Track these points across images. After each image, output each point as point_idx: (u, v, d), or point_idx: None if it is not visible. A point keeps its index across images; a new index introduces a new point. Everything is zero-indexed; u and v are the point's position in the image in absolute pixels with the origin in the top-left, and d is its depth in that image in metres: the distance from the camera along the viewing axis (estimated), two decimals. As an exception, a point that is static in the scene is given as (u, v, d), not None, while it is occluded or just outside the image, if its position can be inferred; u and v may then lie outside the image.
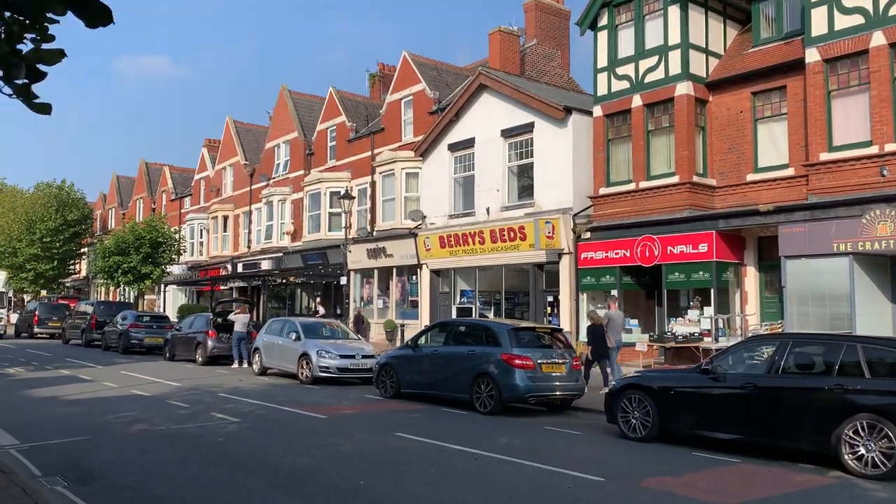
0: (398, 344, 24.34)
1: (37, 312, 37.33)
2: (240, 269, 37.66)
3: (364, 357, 16.89)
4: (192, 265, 42.85)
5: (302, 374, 16.99)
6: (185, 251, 40.31)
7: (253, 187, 38.26)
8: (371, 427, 10.98)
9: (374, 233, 28.46)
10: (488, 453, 9.01)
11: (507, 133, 22.66)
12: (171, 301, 44.23)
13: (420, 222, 25.78)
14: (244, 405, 13.16)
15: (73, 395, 14.35)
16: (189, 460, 8.42)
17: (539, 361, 12.16)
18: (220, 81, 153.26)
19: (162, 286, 42.70)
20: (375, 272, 28.83)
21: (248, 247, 38.12)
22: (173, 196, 48.39)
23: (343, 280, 24.22)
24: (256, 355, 19.04)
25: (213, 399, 14.05)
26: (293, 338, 17.58)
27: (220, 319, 22.30)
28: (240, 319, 21.11)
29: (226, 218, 40.64)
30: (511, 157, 22.78)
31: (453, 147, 24.81)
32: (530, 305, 21.72)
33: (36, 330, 36.88)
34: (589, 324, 15.48)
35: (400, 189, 27.24)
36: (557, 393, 12.46)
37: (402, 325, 26.16)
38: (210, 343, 21.43)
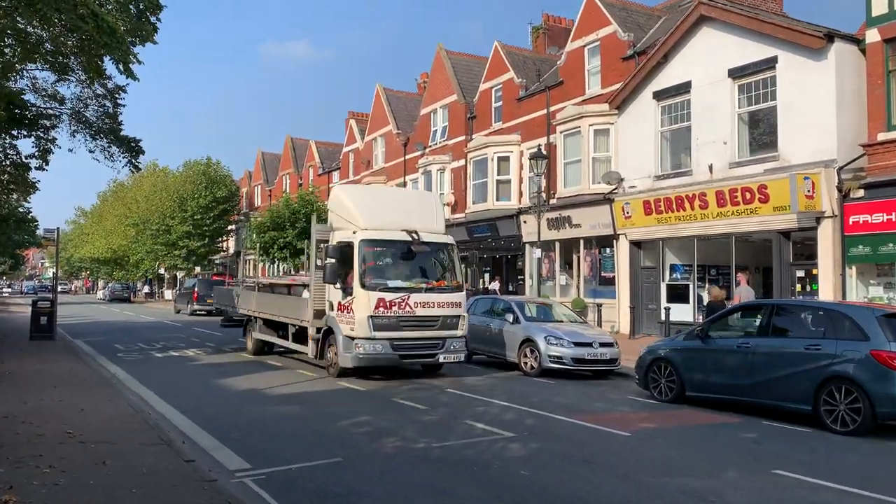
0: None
1: (195, 289, 36.93)
2: (396, 243, 35.57)
3: (602, 345, 13.81)
4: (343, 240, 41.36)
5: (525, 363, 14.15)
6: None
7: (407, 157, 36.03)
8: (718, 456, 7.84)
9: (555, 200, 25.26)
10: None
11: (736, 73, 18.74)
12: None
13: (616, 186, 22.35)
14: (495, 408, 10.44)
15: (276, 388, 12.16)
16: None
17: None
18: (359, 61, 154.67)
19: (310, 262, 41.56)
20: (557, 245, 25.67)
21: (403, 220, 35.95)
22: (321, 170, 47.20)
23: (537, 253, 21.18)
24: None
25: (448, 397, 11.45)
26: (510, 319, 14.75)
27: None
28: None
29: (377, 190, 38.66)
30: (742, 101, 18.85)
31: (660, 95, 21.12)
32: (774, 283, 17.88)
33: (195, 307, 36.48)
34: (708, 300, 12.10)
35: (587, 149, 23.85)
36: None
37: (599, 305, 22.87)
38: (395, 324, 19.05)
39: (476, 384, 12.99)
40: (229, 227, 57.11)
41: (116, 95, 24.47)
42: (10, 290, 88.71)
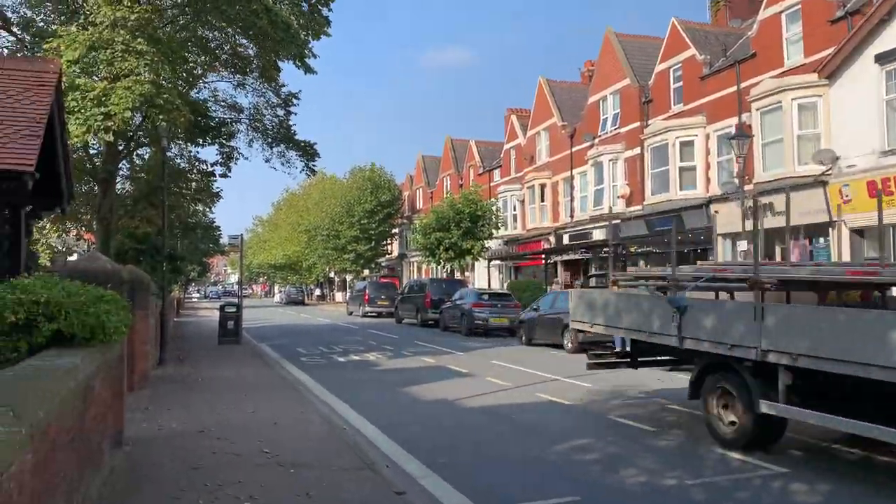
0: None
1: (366, 291, 37.32)
2: (565, 240, 33.94)
3: None
4: (508, 239, 40.30)
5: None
6: (502, 225, 37.78)
7: (574, 150, 34.26)
8: None
9: (751, 186, 22.55)
10: None
11: None
12: (481, 278, 42.34)
13: (830, 166, 19.45)
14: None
15: (469, 399, 11.07)
16: None
17: None
18: (516, 59, 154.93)
19: (473, 263, 40.86)
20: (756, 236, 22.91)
21: (572, 216, 34.24)
22: (481, 170, 46.47)
23: (742, 245, 18.82)
24: (661, 344, 14.56)
25: (675, 415, 9.82)
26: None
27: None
28: (622, 297, 16.94)
29: (543, 186, 37.23)
30: None
31: (885, 57, 18.05)
32: None
33: (367, 309, 36.85)
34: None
35: (791, 126, 21.01)
36: None
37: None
38: (581, 326, 17.51)
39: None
40: (393, 231, 57.99)
41: (290, 104, 24.89)
42: (198, 294, 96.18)
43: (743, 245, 19.05)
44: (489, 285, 37.45)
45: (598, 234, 31.21)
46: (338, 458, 7.16)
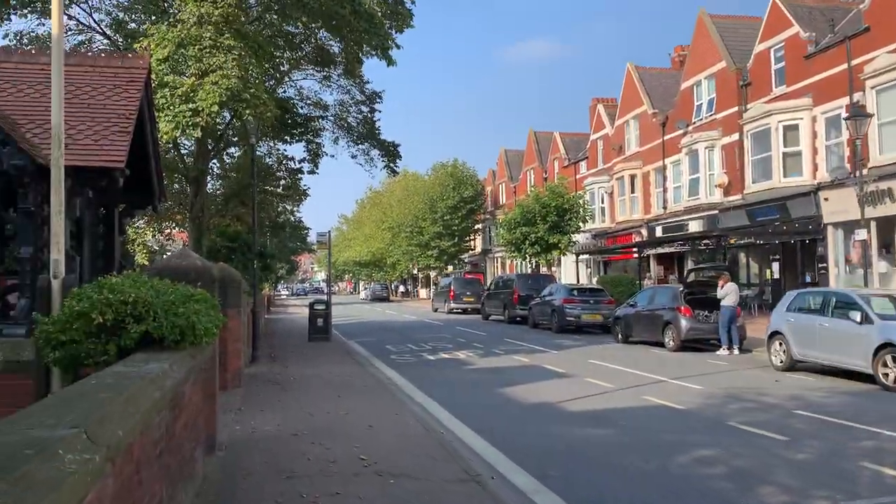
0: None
1: (451, 288, 36.94)
2: (658, 233, 32.54)
3: None
4: (596, 233, 39.10)
5: (886, 375, 10.92)
6: (590, 218, 36.64)
7: (666, 138, 32.79)
8: None
9: (866, 171, 20.80)
10: None
11: None
12: (568, 273, 41.26)
13: (961, 146, 17.63)
14: (886, 440, 7.69)
15: (571, 402, 10.37)
16: None
17: None
18: (601, 49, 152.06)
19: (559, 258, 39.82)
20: (872, 224, 21.17)
21: (665, 207, 32.82)
22: (566, 162, 45.34)
23: (860, 235, 17.18)
24: (776, 341, 13.46)
25: (801, 421, 8.85)
26: (856, 318, 11.55)
27: (692, 293, 17.28)
28: (730, 292, 15.85)
29: (633, 177, 35.88)
30: None
31: None
32: None
33: (452, 305, 36.47)
34: None
35: (913, 104, 19.24)
36: None
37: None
38: (684, 323, 16.52)
39: (824, 401, 10.16)
40: (476, 226, 57.51)
41: (374, 101, 24.72)
42: (287, 292, 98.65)
43: (861, 234, 17.51)
44: (577, 280, 36.38)
45: (694, 226, 29.73)
46: (439, 468, 6.64)
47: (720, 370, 13.63)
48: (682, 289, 17.49)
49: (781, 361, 13.24)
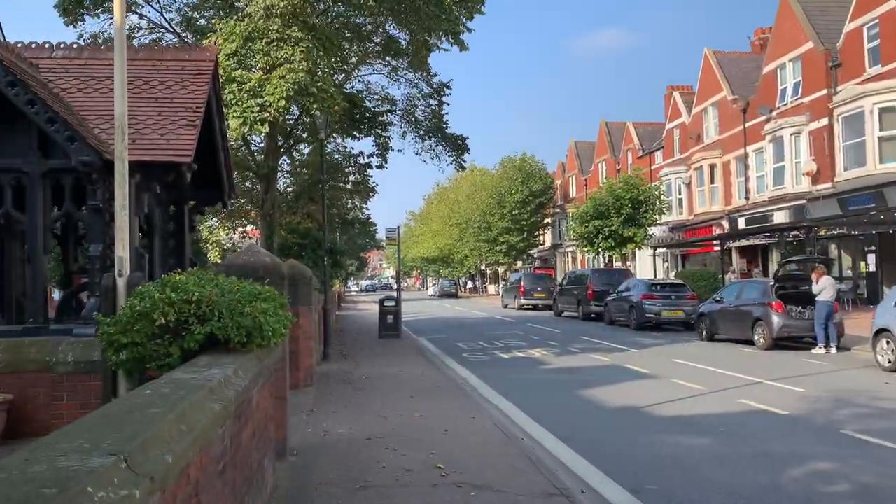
0: None
1: (522, 283, 36.26)
2: (741, 224, 31.03)
3: None
4: (673, 225, 37.71)
5: None
6: (667, 209, 35.32)
7: (747, 125, 31.26)
8: None
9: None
10: None
11: None
12: (644, 268, 39.96)
13: None
14: None
15: (659, 406, 9.66)
16: None
17: None
18: (673, 37, 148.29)
19: (633, 252, 38.56)
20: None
21: (747, 197, 31.31)
22: (640, 152, 43.95)
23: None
24: (883, 339, 12.35)
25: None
26: None
27: (783, 287, 16.18)
28: (826, 286, 14.74)
29: (712, 167, 34.40)
30: None
31: None
32: None
33: (522, 301, 35.80)
34: None
35: None
36: None
37: None
38: (776, 319, 15.45)
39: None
40: (545, 220, 56.53)
41: (441, 94, 24.28)
42: (356, 288, 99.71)
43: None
44: (654, 275, 35.17)
45: (780, 217, 28.19)
46: (522, 479, 6.10)
47: (820, 370, 12.60)
48: (772, 283, 16.38)
49: (889, 361, 12.13)
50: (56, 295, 13.57)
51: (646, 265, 40.17)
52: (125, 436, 2.28)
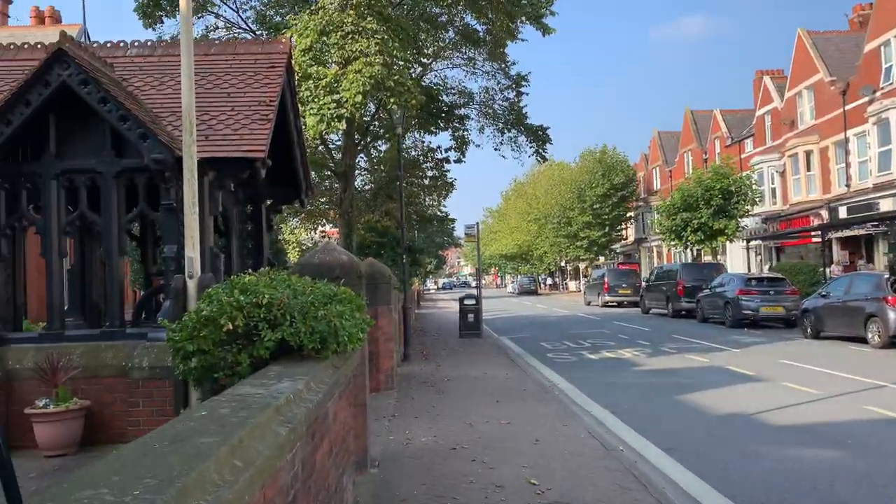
0: None
1: (605, 279, 35.11)
2: (842, 214, 29.00)
3: None
4: (766, 216, 35.71)
5: None
6: (759, 200, 33.43)
7: (847, 108, 29.16)
8: None
9: None
10: None
11: None
12: (735, 261, 38.01)
13: None
14: None
15: (771, 413, 8.75)
16: None
17: None
18: (761, 21, 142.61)
19: (724, 245, 36.72)
20: None
21: (848, 185, 29.22)
22: (729, 141, 41.91)
23: None
24: None
25: None
26: None
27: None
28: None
29: (808, 153, 32.33)
30: None
31: None
32: None
33: (606, 298, 34.66)
34: None
35: None
36: None
37: None
38: (893, 315, 14.09)
39: None
40: (628, 214, 54.83)
41: (520, 85, 23.60)
42: (434, 287, 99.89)
43: None
44: (747, 269, 33.39)
45: (887, 205, 26.11)
46: (629, 500, 5.44)
47: (954, 373, 11.32)
48: (887, 276, 14.97)
49: None
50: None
51: (737, 259, 38.23)
52: (161, 481, 1.79)
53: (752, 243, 36.10)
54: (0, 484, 3.77)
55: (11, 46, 8.85)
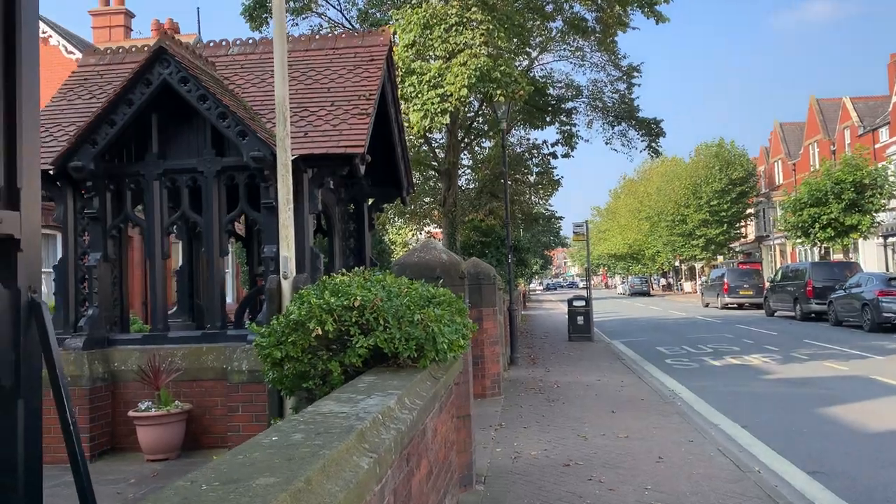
0: None
1: (725, 279, 33.17)
2: None
3: None
4: (905, 211, 32.68)
5: None
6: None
7: None
8: None
9: None
10: None
11: None
12: (869, 260, 34.98)
13: None
14: None
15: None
16: None
17: None
18: (888, 3, 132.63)
19: (857, 242, 33.85)
20: None
21: None
22: (860, 130, 38.73)
23: None
24: None
25: None
26: None
27: None
28: None
29: (957, 140, 29.27)
30: None
31: None
32: None
33: (726, 300, 32.74)
34: None
35: None
36: None
37: None
38: None
39: None
40: (748, 211, 51.85)
41: (631, 76, 22.56)
42: (540, 287, 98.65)
43: None
44: (885, 268, 30.66)
45: None
46: (774, 537, 4.66)
47: None
48: None
49: None
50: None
51: (871, 257, 35.22)
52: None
53: (891, 240, 33.16)
54: (76, 491, 3.54)
55: (120, 50, 8.98)
